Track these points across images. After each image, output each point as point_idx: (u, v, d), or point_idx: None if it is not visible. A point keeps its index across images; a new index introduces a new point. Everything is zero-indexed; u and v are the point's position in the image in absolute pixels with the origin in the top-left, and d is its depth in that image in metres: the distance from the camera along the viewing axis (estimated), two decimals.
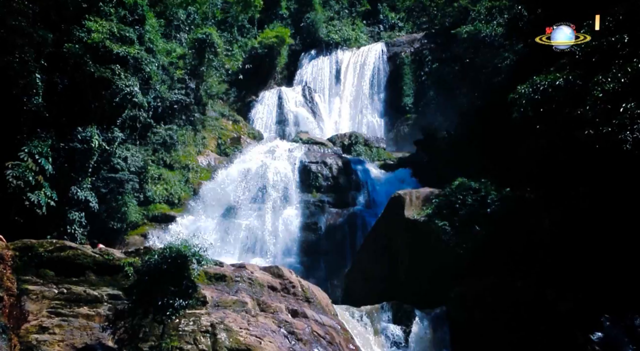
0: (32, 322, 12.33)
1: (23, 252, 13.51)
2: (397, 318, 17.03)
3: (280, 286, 15.95)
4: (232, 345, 13.11)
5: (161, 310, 13.38)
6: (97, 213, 19.86)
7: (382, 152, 33.32)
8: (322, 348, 14.29)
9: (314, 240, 25.66)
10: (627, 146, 12.80)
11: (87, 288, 13.53)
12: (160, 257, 13.94)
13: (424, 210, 18.91)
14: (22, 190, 17.01)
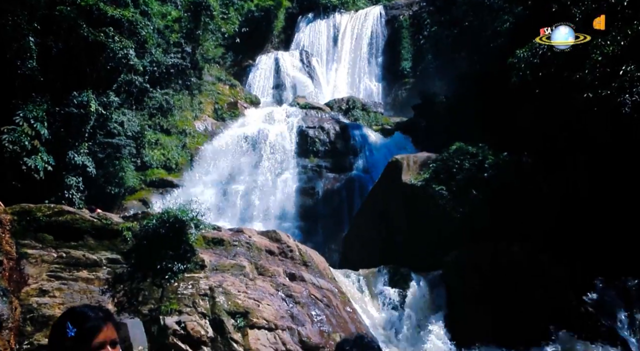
0: (32, 285, 12.44)
1: (21, 216, 13.54)
2: (393, 281, 17.22)
3: (278, 250, 16.06)
4: (231, 307, 13.27)
5: (160, 274, 13.54)
6: (94, 178, 19.84)
7: (379, 117, 33.20)
8: (319, 310, 14.48)
9: (312, 205, 25.76)
10: (626, 109, 12.75)
11: (86, 252, 13.62)
12: (159, 222, 14.04)
13: (421, 174, 18.93)
14: (18, 154, 16.95)
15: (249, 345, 12.78)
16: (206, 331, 12.78)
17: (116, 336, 2.33)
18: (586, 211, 14.35)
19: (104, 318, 2.32)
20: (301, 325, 13.73)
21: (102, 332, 2.26)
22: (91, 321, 2.28)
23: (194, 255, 14.17)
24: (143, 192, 23.96)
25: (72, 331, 2.25)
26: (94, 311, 2.34)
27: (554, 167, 15.44)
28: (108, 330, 2.29)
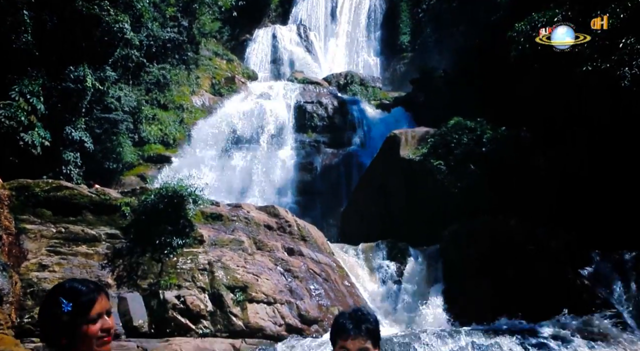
0: (31, 260, 12.50)
1: (19, 191, 13.54)
2: (391, 255, 17.32)
3: (277, 225, 16.13)
4: (230, 282, 13.37)
5: (159, 249, 13.61)
6: (92, 154, 19.79)
7: (378, 92, 33.03)
8: (318, 284, 14.59)
9: (310, 180, 25.79)
10: (625, 82, 12.70)
11: (85, 227, 13.65)
12: (157, 197, 14.07)
13: (419, 149, 18.91)
14: (15, 130, 16.87)
15: (248, 319, 12.91)
16: (205, 305, 12.89)
17: (110, 306, 2.37)
18: (584, 185, 14.38)
19: (96, 290, 2.35)
20: (300, 299, 13.86)
21: (97, 303, 2.30)
22: (85, 294, 2.30)
23: (193, 230, 14.22)
24: (141, 167, 23.93)
25: (68, 305, 2.27)
26: (84, 285, 2.36)
27: (552, 141, 15.42)
28: (102, 301, 2.33)
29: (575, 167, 14.75)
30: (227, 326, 12.74)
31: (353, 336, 2.75)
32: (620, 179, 13.95)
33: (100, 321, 2.28)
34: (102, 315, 2.29)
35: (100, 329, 2.27)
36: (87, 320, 2.25)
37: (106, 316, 2.31)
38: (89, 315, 2.26)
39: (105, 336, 2.29)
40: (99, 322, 2.28)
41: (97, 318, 2.27)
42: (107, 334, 2.30)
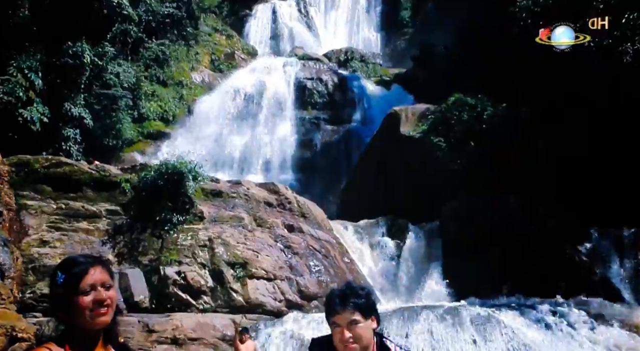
0: (32, 236, 12.55)
1: (19, 167, 13.55)
2: (391, 232, 17.39)
3: (276, 202, 16.16)
4: (230, 258, 13.44)
5: (159, 225, 13.66)
6: (91, 130, 19.72)
7: (378, 68, 32.81)
8: (317, 261, 14.67)
9: (309, 157, 25.74)
10: (627, 58, 12.61)
11: (85, 203, 13.68)
12: (157, 174, 14.07)
13: (419, 126, 18.86)
14: (13, 106, 16.80)
15: (248, 295, 13.01)
16: (206, 281, 12.98)
17: (108, 279, 2.32)
18: (583, 163, 14.35)
19: (92, 262, 2.32)
20: (299, 275, 13.95)
21: (89, 275, 2.26)
22: (78, 265, 2.29)
23: (193, 206, 14.25)
24: (140, 144, 23.89)
25: (61, 277, 2.27)
26: (80, 257, 2.35)
27: (553, 118, 15.35)
28: (96, 272, 2.28)
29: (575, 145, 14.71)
30: (227, 302, 12.84)
31: (340, 311, 2.79)
32: (620, 157, 13.92)
33: (93, 293, 2.24)
34: (96, 287, 2.25)
35: (93, 301, 2.23)
36: (78, 292, 2.23)
37: (101, 288, 2.27)
38: (80, 286, 2.23)
39: (99, 308, 2.25)
40: (91, 294, 2.24)
41: (89, 289, 2.24)
42: (100, 306, 2.25)
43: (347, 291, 2.86)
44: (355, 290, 2.88)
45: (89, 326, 2.25)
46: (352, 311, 2.79)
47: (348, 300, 2.82)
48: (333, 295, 2.89)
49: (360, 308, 2.82)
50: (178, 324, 11.72)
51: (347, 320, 2.79)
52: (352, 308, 2.80)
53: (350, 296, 2.83)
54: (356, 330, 2.80)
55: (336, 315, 2.81)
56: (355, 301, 2.82)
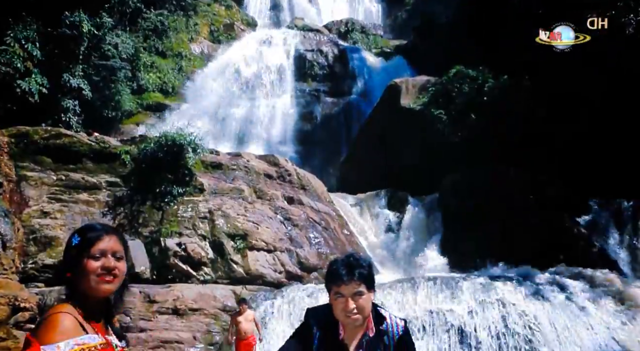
0: (33, 207, 12.58)
1: (18, 138, 13.52)
2: (391, 204, 17.45)
3: (276, 174, 16.16)
4: (230, 230, 13.50)
5: (159, 197, 13.69)
6: (90, 102, 19.59)
7: (379, 40, 32.47)
8: (317, 233, 14.74)
9: (309, 130, 25.64)
10: (629, 30, 12.50)
11: (85, 175, 13.69)
12: (157, 146, 14.06)
13: (420, 98, 18.78)
14: (11, 76, 16.67)
15: (249, 266, 13.10)
16: (206, 253, 13.06)
17: (120, 250, 2.37)
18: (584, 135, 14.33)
19: (108, 230, 2.38)
20: (299, 247, 14.03)
21: (102, 241, 2.31)
22: (94, 231, 2.35)
23: (193, 178, 14.26)
24: (140, 115, 23.76)
25: (77, 239, 2.34)
26: (101, 225, 2.42)
27: (553, 88, 15.27)
28: (110, 241, 2.34)
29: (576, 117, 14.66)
30: (227, 273, 12.94)
31: (346, 282, 2.80)
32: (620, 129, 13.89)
33: (102, 259, 2.29)
34: (106, 254, 2.30)
35: (101, 267, 2.28)
36: (89, 255, 2.28)
37: (111, 257, 2.31)
38: (91, 250, 2.28)
39: (105, 274, 2.29)
40: (101, 260, 2.28)
41: (100, 255, 2.29)
42: (107, 273, 2.29)
43: (352, 262, 2.87)
44: (360, 261, 2.89)
45: (93, 292, 2.28)
46: (358, 282, 2.80)
47: (354, 270, 2.82)
48: (338, 265, 2.88)
49: (365, 280, 2.83)
50: (179, 295, 11.84)
51: (352, 291, 2.80)
52: (358, 280, 2.81)
53: (356, 267, 2.84)
54: (360, 301, 2.82)
55: (342, 286, 2.82)
56: (362, 273, 2.83)
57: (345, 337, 2.94)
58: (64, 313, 2.20)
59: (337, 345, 2.94)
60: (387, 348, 2.91)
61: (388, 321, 2.96)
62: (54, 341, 2.08)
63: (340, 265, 2.87)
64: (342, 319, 2.87)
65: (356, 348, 2.93)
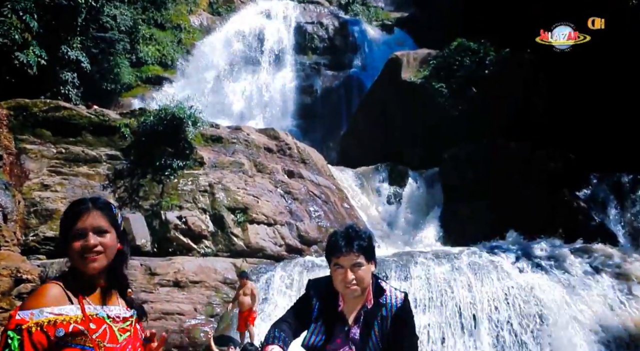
0: (33, 180, 12.59)
1: (17, 111, 13.46)
2: (391, 178, 17.46)
3: (277, 148, 16.14)
4: (230, 203, 13.53)
5: (160, 170, 13.69)
6: (89, 74, 19.44)
7: (380, 12, 32.11)
8: (317, 206, 14.78)
9: (310, 103, 25.52)
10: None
11: (85, 148, 13.67)
12: (156, 119, 14.01)
13: (420, 72, 18.65)
14: (9, 48, 16.50)
15: (249, 239, 13.16)
16: (207, 226, 13.11)
17: (104, 224, 2.26)
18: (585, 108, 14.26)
19: (89, 207, 2.27)
20: (299, 221, 14.07)
21: (81, 219, 2.22)
22: (73, 209, 2.27)
23: (193, 152, 14.24)
24: (139, 88, 23.62)
25: (62, 217, 2.30)
26: (85, 201, 2.31)
27: (555, 62, 15.15)
28: (89, 217, 2.23)
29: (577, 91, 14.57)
30: (228, 246, 13.01)
31: (345, 253, 2.82)
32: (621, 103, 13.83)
33: (82, 239, 2.20)
34: (87, 232, 2.20)
35: (81, 246, 2.19)
36: (70, 235, 2.22)
37: (92, 234, 2.21)
38: (72, 230, 2.21)
39: (88, 254, 2.20)
40: (81, 240, 2.20)
41: (80, 235, 2.20)
42: (89, 252, 2.20)
43: (351, 234, 2.88)
44: (359, 233, 2.91)
45: (83, 269, 2.23)
46: (357, 254, 2.83)
47: (353, 242, 2.84)
48: (337, 237, 2.90)
49: (364, 251, 2.85)
50: (180, 267, 11.91)
51: (351, 262, 2.83)
52: (357, 251, 2.83)
53: (355, 238, 2.86)
54: (359, 273, 2.84)
55: (341, 257, 2.84)
56: (361, 244, 2.85)
57: (344, 308, 2.97)
58: (52, 283, 2.19)
59: (336, 316, 2.97)
60: (384, 319, 2.93)
61: (387, 294, 2.98)
62: (31, 308, 2.07)
63: (339, 236, 2.89)
64: (341, 290, 2.90)
65: (354, 320, 2.96)
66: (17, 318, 2.04)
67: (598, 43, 13.91)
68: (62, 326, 2.09)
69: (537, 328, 9.84)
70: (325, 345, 2.95)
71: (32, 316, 2.05)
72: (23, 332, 2.02)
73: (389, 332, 2.92)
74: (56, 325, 2.08)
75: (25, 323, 2.03)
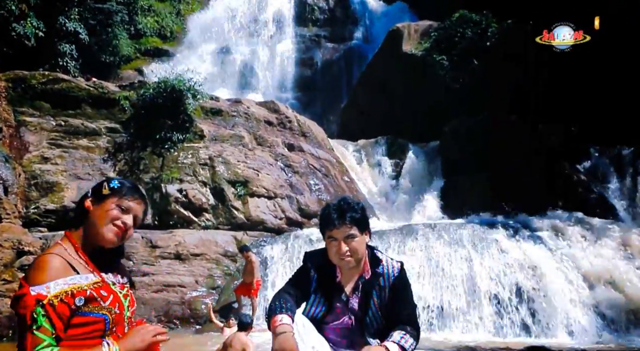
0: (33, 153, 12.58)
1: (16, 83, 13.37)
2: (391, 151, 17.45)
3: (277, 121, 16.09)
4: (231, 176, 13.54)
5: (159, 143, 13.67)
6: (88, 46, 19.28)
7: None
8: (317, 180, 14.79)
9: (310, 76, 25.36)
10: None
11: (85, 121, 13.62)
12: (156, 91, 13.94)
13: (421, 44, 18.51)
14: (6, 19, 16.35)
15: (249, 212, 13.20)
16: (207, 199, 13.14)
17: (140, 219, 2.48)
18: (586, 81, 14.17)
19: (144, 196, 2.50)
20: (300, 194, 14.10)
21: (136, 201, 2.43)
22: (135, 190, 2.46)
23: (193, 125, 14.20)
24: (138, 61, 23.46)
25: (116, 184, 2.40)
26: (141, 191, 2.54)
27: None
28: (141, 207, 2.45)
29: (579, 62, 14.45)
30: (228, 219, 13.06)
31: (338, 226, 2.85)
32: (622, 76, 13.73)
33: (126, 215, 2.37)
34: (131, 213, 2.39)
35: (121, 219, 2.35)
36: (118, 202, 2.36)
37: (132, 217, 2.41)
38: (123, 200, 2.38)
39: (120, 228, 2.35)
40: (124, 215, 2.36)
41: (126, 210, 2.37)
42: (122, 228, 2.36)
43: (344, 206, 2.90)
44: (351, 205, 2.93)
45: (98, 237, 2.30)
46: (349, 226, 2.85)
47: (345, 214, 2.87)
48: (330, 209, 2.93)
49: (357, 223, 2.88)
50: (181, 240, 11.98)
51: (344, 234, 2.86)
52: (349, 223, 2.85)
53: (347, 210, 2.88)
54: (352, 244, 2.87)
55: (334, 229, 2.87)
56: (353, 216, 2.88)
57: (342, 279, 3.00)
58: (52, 255, 2.21)
59: (334, 287, 3.00)
60: (382, 289, 2.97)
61: (384, 264, 3.01)
62: (43, 282, 2.09)
63: (332, 209, 2.91)
64: (337, 262, 2.93)
65: (352, 290, 3.00)
66: (32, 294, 2.07)
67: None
68: (80, 294, 2.15)
69: (535, 301, 9.92)
70: (325, 316, 2.99)
71: (49, 290, 2.08)
72: (46, 307, 2.05)
73: (388, 301, 2.96)
74: (74, 295, 2.13)
75: (45, 298, 2.06)
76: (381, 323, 2.95)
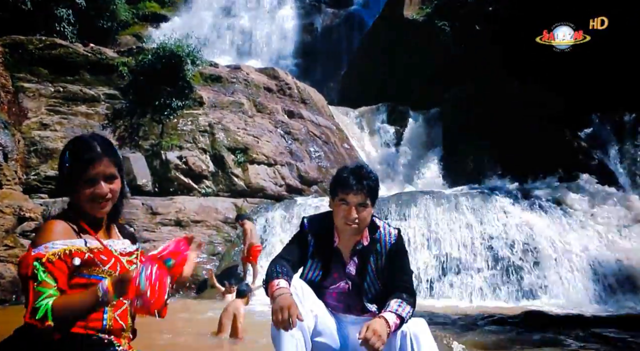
0: (32, 119, 12.52)
1: (13, 48, 13.23)
2: (391, 118, 17.37)
3: (276, 87, 15.98)
4: (231, 143, 13.52)
5: (159, 110, 13.61)
6: (85, 11, 18.99)
7: None
8: (317, 147, 14.77)
9: (310, 42, 25.08)
10: None
11: (83, 87, 13.53)
12: (154, 57, 13.82)
13: (423, 9, 18.25)
14: None
15: (249, 179, 13.22)
16: (207, 166, 13.14)
17: (113, 171, 2.30)
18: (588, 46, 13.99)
19: (100, 154, 2.27)
20: (300, 161, 14.10)
21: (93, 167, 2.24)
22: (86, 154, 2.26)
23: (192, 91, 14.11)
24: (136, 26, 23.16)
25: (68, 162, 2.28)
26: (93, 144, 2.30)
27: None
28: (101, 165, 2.25)
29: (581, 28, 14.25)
30: (228, 186, 13.08)
31: (355, 191, 2.84)
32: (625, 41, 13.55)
33: (93, 187, 2.24)
34: (98, 180, 2.24)
35: (92, 193, 2.24)
36: (81, 180, 2.24)
37: (103, 183, 2.26)
38: (83, 176, 2.23)
39: (98, 201, 2.26)
40: (92, 187, 2.23)
41: (92, 182, 2.23)
42: (100, 199, 2.26)
43: (363, 173, 2.89)
44: (370, 174, 2.92)
45: (91, 212, 2.29)
46: (365, 194, 2.85)
47: (363, 181, 2.86)
48: (348, 173, 2.91)
49: (371, 193, 2.88)
50: (181, 207, 12.03)
51: (358, 201, 2.86)
52: (366, 192, 2.85)
53: (365, 178, 2.87)
54: (362, 213, 2.88)
55: (350, 194, 2.85)
56: (370, 185, 2.87)
57: (340, 244, 3.01)
58: (57, 220, 2.24)
59: (331, 252, 3.01)
60: (379, 255, 2.98)
61: (381, 230, 3.02)
62: (42, 243, 2.12)
63: (350, 173, 2.90)
64: (341, 226, 2.93)
65: (350, 255, 3.01)
66: (32, 253, 2.10)
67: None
68: (78, 255, 2.16)
69: (535, 266, 10.01)
70: (323, 280, 3.00)
71: (47, 249, 2.10)
72: (45, 264, 2.08)
73: (385, 267, 2.97)
74: (72, 254, 2.14)
75: (43, 256, 2.08)
76: (379, 289, 2.98)
